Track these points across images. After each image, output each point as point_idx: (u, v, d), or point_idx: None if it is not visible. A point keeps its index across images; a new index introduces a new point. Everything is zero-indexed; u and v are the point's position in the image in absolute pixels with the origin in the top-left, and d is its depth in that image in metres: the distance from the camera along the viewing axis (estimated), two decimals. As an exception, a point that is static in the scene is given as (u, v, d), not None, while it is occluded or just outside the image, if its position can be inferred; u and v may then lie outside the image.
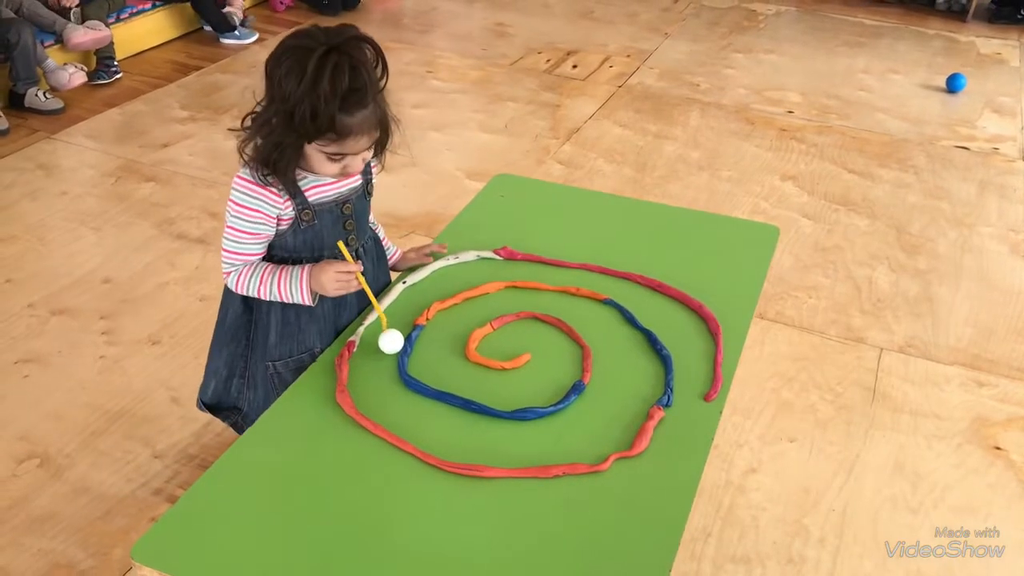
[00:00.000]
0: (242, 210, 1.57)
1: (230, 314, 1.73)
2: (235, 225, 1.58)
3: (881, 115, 4.35)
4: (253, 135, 1.52)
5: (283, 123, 1.47)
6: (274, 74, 1.45)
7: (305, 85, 1.41)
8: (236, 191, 1.57)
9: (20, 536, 1.97)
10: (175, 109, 4.11)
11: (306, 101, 1.42)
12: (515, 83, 4.55)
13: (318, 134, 1.47)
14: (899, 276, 3.09)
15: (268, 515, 1.32)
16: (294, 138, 1.48)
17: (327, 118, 1.44)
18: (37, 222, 3.19)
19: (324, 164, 1.54)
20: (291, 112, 1.44)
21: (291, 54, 1.43)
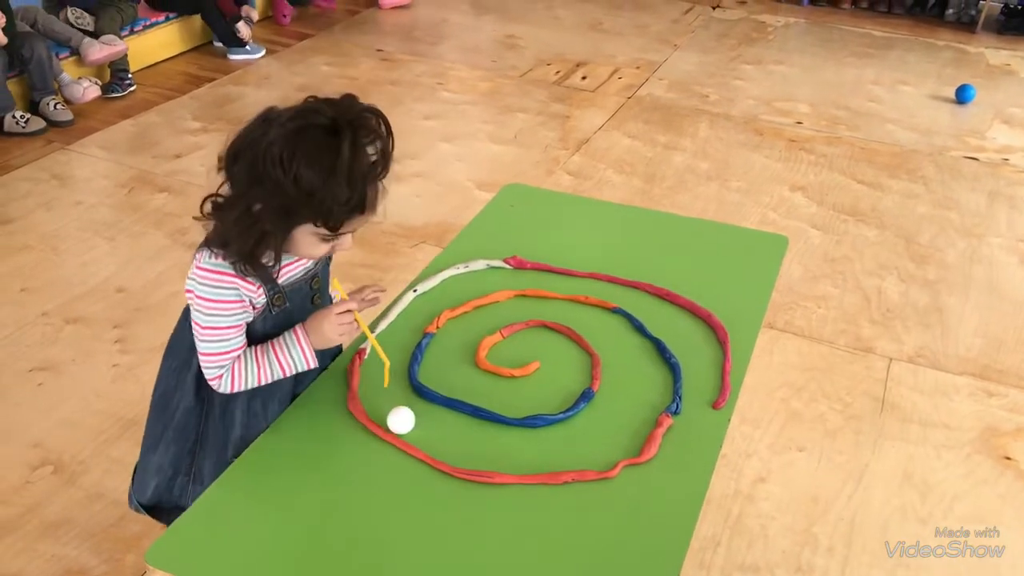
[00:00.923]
0: (219, 306, 1.39)
1: (180, 410, 1.54)
2: (215, 324, 1.40)
3: (891, 126, 4.36)
4: (230, 226, 1.32)
5: (273, 210, 1.29)
6: (265, 160, 1.25)
7: (332, 169, 1.25)
8: (206, 286, 1.37)
9: (34, 542, 1.99)
10: (187, 120, 4.15)
11: (331, 186, 1.26)
12: (525, 94, 4.57)
13: (344, 216, 1.30)
14: (908, 286, 3.09)
15: (280, 520, 1.33)
16: (285, 225, 1.32)
17: (359, 199, 1.29)
18: (52, 232, 3.22)
19: (315, 246, 1.37)
20: (306, 198, 1.27)
21: (298, 137, 1.25)
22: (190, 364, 1.51)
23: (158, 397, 1.57)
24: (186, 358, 1.52)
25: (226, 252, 1.35)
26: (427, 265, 1.91)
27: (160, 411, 1.56)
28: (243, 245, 1.33)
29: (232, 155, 1.31)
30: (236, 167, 1.30)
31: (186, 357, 1.52)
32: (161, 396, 1.56)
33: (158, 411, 1.57)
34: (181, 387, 1.53)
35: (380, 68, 4.76)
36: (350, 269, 3.02)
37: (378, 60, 4.90)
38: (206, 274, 1.37)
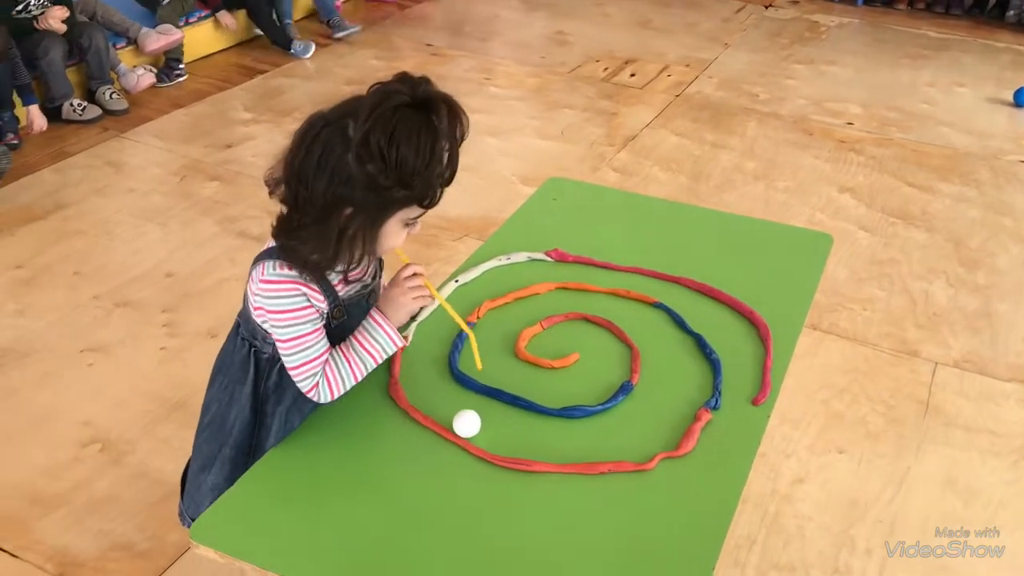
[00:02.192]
0: (295, 315, 1.35)
1: (237, 426, 1.51)
2: (295, 334, 1.36)
3: (944, 128, 4.29)
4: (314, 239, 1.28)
5: (367, 209, 1.27)
6: (357, 159, 1.22)
7: (433, 146, 1.24)
8: (276, 298, 1.34)
9: (82, 517, 2.05)
10: (239, 111, 4.21)
11: (433, 164, 1.25)
12: (572, 90, 4.57)
13: (441, 190, 1.31)
14: (957, 290, 3.04)
15: (321, 499, 1.36)
16: (379, 220, 1.30)
17: (453, 169, 1.30)
18: (105, 217, 3.30)
19: (397, 235, 1.35)
20: (399, 182, 1.24)
21: (393, 121, 1.21)
22: (244, 379, 1.49)
23: (212, 418, 1.53)
24: (238, 375, 1.49)
25: (304, 261, 1.31)
26: (469, 257, 1.92)
27: (216, 431, 1.53)
28: (327, 253, 1.29)
29: (299, 173, 1.26)
30: (308, 182, 1.25)
31: (238, 374, 1.49)
32: (215, 416, 1.53)
33: (213, 431, 1.53)
34: (236, 403, 1.50)
35: (429, 63, 4.79)
36: (394, 259, 3.04)
37: (427, 55, 4.93)
38: (272, 286, 1.33)
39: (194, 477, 1.58)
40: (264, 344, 1.44)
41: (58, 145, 3.81)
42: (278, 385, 1.48)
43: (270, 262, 1.34)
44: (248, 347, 1.46)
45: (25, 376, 2.50)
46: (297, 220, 1.29)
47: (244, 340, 1.46)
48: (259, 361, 1.46)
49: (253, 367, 1.47)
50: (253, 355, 1.46)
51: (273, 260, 1.33)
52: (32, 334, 2.67)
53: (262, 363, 1.46)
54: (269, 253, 1.36)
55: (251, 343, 1.45)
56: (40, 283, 2.91)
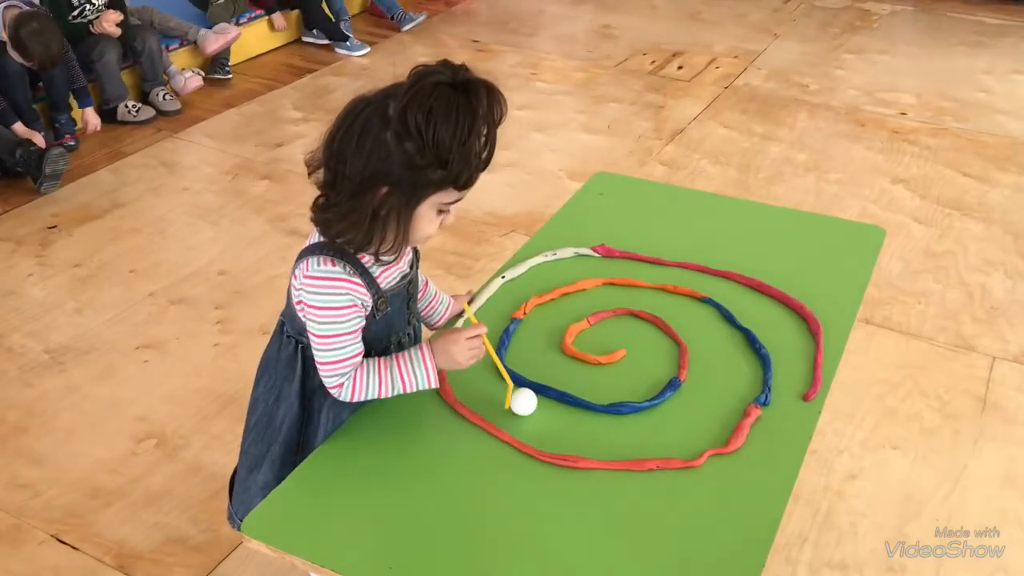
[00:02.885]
0: (334, 313, 1.34)
1: (287, 424, 1.51)
2: (331, 332, 1.36)
3: (1001, 117, 4.18)
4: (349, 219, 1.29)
5: (402, 188, 1.27)
6: (395, 136, 1.23)
7: (471, 126, 1.23)
8: (317, 294, 1.33)
9: (138, 510, 2.09)
10: (288, 110, 4.26)
11: (470, 144, 1.24)
12: (619, 84, 4.55)
13: (477, 172, 1.29)
14: (1016, 283, 2.97)
15: (370, 495, 1.37)
16: (413, 202, 1.29)
17: (491, 152, 1.28)
18: (159, 216, 3.36)
19: (431, 222, 1.33)
20: (436, 161, 1.24)
21: (431, 99, 1.22)
22: (291, 377, 1.49)
23: (259, 418, 1.53)
24: (285, 373, 1.49)
25: (344, 243, 1.31)
26: (515, 253, 1.92)
27: (263, 430, 1.53)
28: (372, 234, 1.29)
29: (337, 151, 1.27)
30: (346, 160, 1.26)
31: (285, 371, 1.49)
32: (262, 416, 1.53)
33: (260, 431, 1.53)
34: (284, 401, 1.50)
35: (476, 59, 4.80)
36: (441, 256, 3.07)
37: (474, 51, 4.94)
38: (315, 282, 1.33)
39: (242, 480, 1.58)
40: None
41: (114, 146, 3.89)
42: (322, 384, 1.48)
43: (314, 258, 1.34)
44: (295, 344, 1.47)
45: (85, 373, 2.56)
46: (334, 198, 1.30)
47: (290, 338, 1.47)
48: (306, 358, 1.47)
49: (300, 364, 1.48)
50: (300, 352, 1.47)
51: (317, 256, 1.34)
52: (91, 332, 2.73)
53: (309, 360, 1.46)
54: (312, 249, 1.36)
55: (298, 340, 1.46)
56: (98, 281, 2.98)
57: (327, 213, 1.32)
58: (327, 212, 1.31)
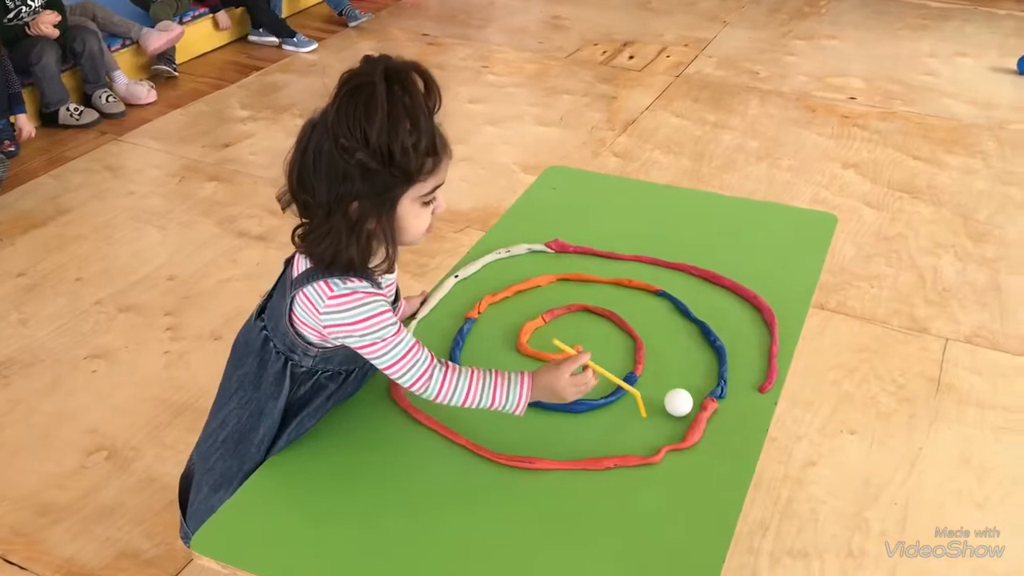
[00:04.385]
0: (379, 319, 1.31)
1: (266, 441, 1.45)
2: (386, 335, 1.31)
3: (948, 100, 4.24)
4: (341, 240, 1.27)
5: (371, 197, 1.25)
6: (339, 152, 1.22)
7: (391, 115, 1.21)
8: (355, 308, 1.30)
9: (89, 525, 2.04)
10: (236, 109, 4.19)
11: (400, 135, 1.22)
12: (571, 75, 4.53)
13: (424, 163, 1.26)
14: (966, 265, 3.01)
15: (324, 505, 1.34)
16: (388, 205, 1.28)
17: (429, 138, 1.25)
18: (105, 222, 3.28)
19: (419, 217, 1.32)
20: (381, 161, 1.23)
21: (349, 106, 1.21)
22: (278, 394, 1.43)
23: (229, 434, 1.47)
24: (271, 391, 1.44)
25: (340, 268, 1.30)
26: (469, 250, 1.90)
27: (233, 447, 1.47)
28: (358, 251, 1.28)
29: (299, 181, 1.27)
30: (312, 188, 1.26)
31: (271, 389, 1.44)
32: (233, 432, 1.47)
33: (230, 448, 1.47)
34: (267, 418, 1.43)
35: (426, 52, 4.75)
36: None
37: (424, 44, 4.89)
38: (345, 300, 1.30)
39: (205, 498, 1.51)
40: (304, 358, 1.41)
41: (56, 151, 3.79)
42: (303, 396, 1.44)
43: (331, 280, 1.30)
44: (284, 361, 1.42)
45: (30, 386, 2.49)
46: (311, 225, 1.29)
47: (280, 354, 1.41)
48: (294, 375, 1.42)
49: (288, 380, 1.42)
50: (289, 368, 1.42)
51: (332, 278, 1.30)
52: (36, 343, 2.66)
53: (296, 376, 1.43)
54: (318, 274, 1.31)
55: (288, 357, 1.41)
56: (42, 291, 2.90)
57: (309, 241, 1.30)
58: (308, 240, 1.30)
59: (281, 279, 1.42)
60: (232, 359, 1.50)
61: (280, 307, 1.39)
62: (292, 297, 1.35)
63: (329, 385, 1.45)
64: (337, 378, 1.46)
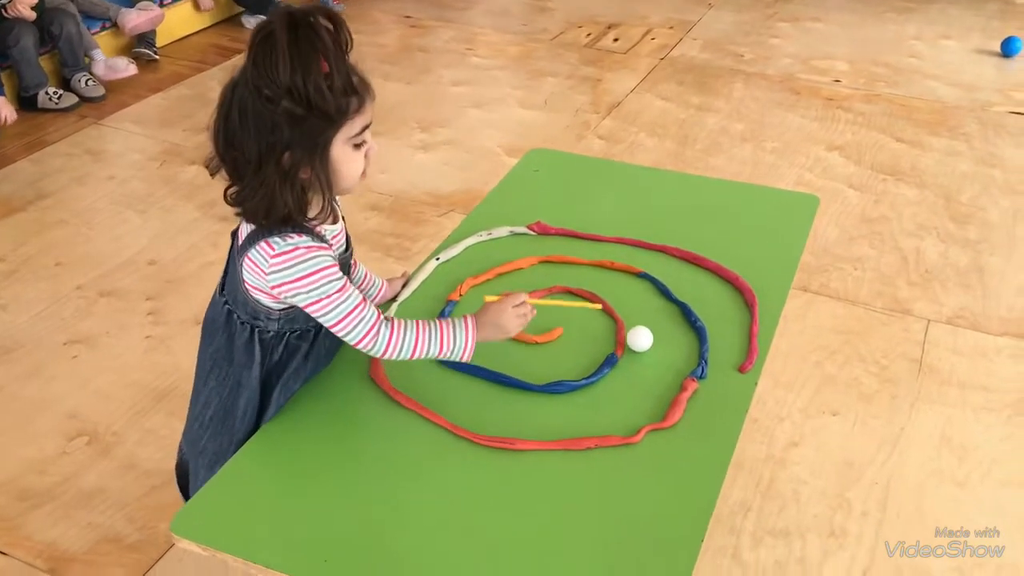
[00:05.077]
0: (323, 273, 1.32)
1: (249, 412, 1.47)
2: (330, 291, 1.33)
3: (932, 82, 4.24)
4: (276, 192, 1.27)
5: (300, 143, 1.26)
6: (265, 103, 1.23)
7: (303, 57, 1.21)
8: (298, 264, 1.30)
9: (70, 510, 2.03)
10: (217, 92, 4.13)
11: (311, 78, 1.22)
12: (555, 58, 4.51)
13: (347, 102, 1.27)
14: (948, 246, 3.02)
15: (303, 487, 1.34)
16: (320, 151, 1.28)
17: (344, 77, 1.25)
18: (85, 206, 3.26)
19: (353, 161, 1.33)
20: (305, 106, 1.23)
21: (262, 56, 1.21)
22: (250, 363, 1.44)
23: (214, 412, 1.49)
24: (243, 360, 1.45)
25: (277, 221, 1.30)
26: (451, 233, 1.89)
27: (220, 425, 1.48)
28: (293, 200, 1.28)
29: (227, 141, 1.27)
30: (240, 144, 1.26)
31: (243, 359, 1.45)
32: (218, 410, 1.48)
33: (217, 426, 1.49)
34: (246, 389, 1.45)
35: (409, 35, 4.72)
36: (379, 239, 3.02)
37: (407, 27, 4.86)
38: (288, 256, 1.30)
39: (203, 481, 1.47)
40: (268, 322, 1.42)
41: (35, 135, 3.75)
42: (280, 360, 1.45)
43: (272, 239, 1.30)
44: (250, 330, 1.43)
45: (10, 372, 2.47)
46: (242, 183, 1.30)
47: (244, 324, 1.43)
48: (262, 340, 1.43)
49: (258, 348, 1.43)
50: (257, 336, 1.43)
51: (274, 236, 1.31)
52: (16, 329, 2.64)
53: (266, 342, 1.43)
54: (261, 233, 1.32)
55: (252, 325, 1.42)
56: (22, 276, 2.88)
57: (242, 199, 1.30)
58: (241, 198, 1.30)
59: (231, 251, 1.43)
60: (203, 339, 1.51)
61: (235, 277, 1.40)
62: (240, 264, 1.36)
63: (301, 345, 1.46)
64: (307, 336, 1.46)
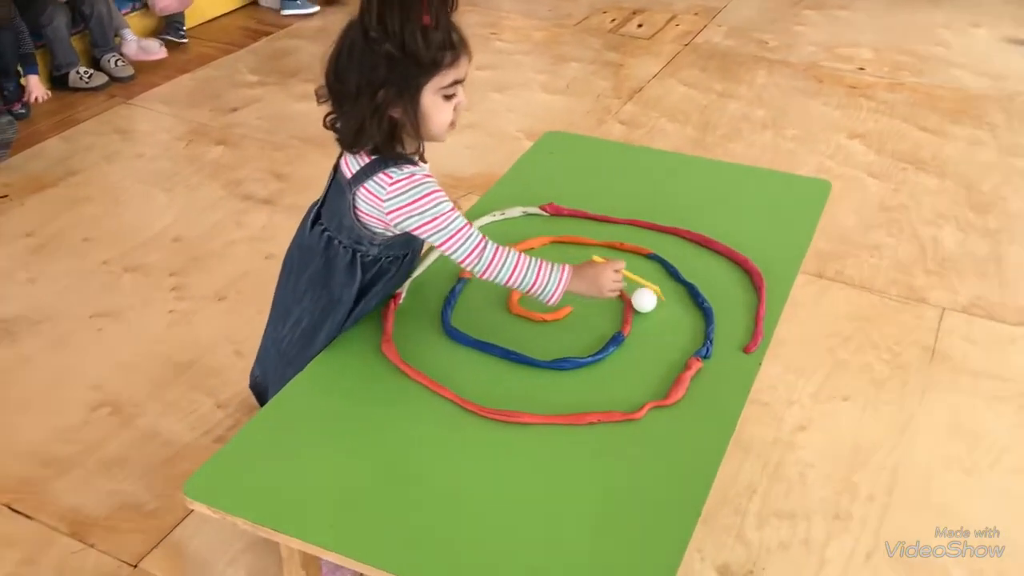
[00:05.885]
0: (434, 196, 1.47)
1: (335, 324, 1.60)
2: (441, 211, 1.47)
3: (957, 71, 4.21)
4: (368, 123, 1.44)
5: (395, 84, 1.41)
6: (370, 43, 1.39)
7: (411, 10, 1.36)
8: (412, 189, 1.46)
9: (92, 478, 2.09)
10: (245, 74, 4.20)
11: (412, 27, 1.37)
12: (579, 43, 4.52)
13: (441, 55, 1.42)
14: (967, 235, 3.01)
15: (314, 456, 1.38)
16: (412, 95, 1.43)
17: (444, 32, 1.41)
18: (113, 183, 3.32)
19: (442, 110, 1.47)
20: (403, 51, 1.38)
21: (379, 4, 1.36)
22: (351, 282, 1.58)
23: (305, 328, 1.62)
24: (344, 279, 1.58)
25: (371, 150, 1.47)
26: (464, 212, 1.92)
27: (309, 339, 1.62)
28: (380, 132, 1.44)
29: (335, 72, 1.44)
30: (344, 78, 1.43)
31: (343, 278, 1.58)
32: (308, 327, 1.62)
33: (306, 339, 1.62)
34: (343, 304, 1.59)
35: (434, 19, 4.73)
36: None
37: (433, 11, 4.87)
38: (403, 183, 1.46)
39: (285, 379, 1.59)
40: (370, 247, 1.57)
41: (66, 113, 3.82)
42: (371, 280, 1.60)
43: (388, 169, 1.47)
44: (352, 253, 1.57)
45: (38, 343, 2.54)
46: (343, 111, 1.47)
47: (347, 248, 1.57)
48: (363, 263, 1.58)
49: (360, 269, 1.58)
50: (359, 258, 1.57)
51: (389, 167, 1.47)
52: (43, 302, 2.70)
53: (366, 265, 1.59)
54: (376, 165, 1.48)
55: (355, 249, 1.57)
56: (50, 250, 2.94)
57: (338, 125, 1.48)
58: (337, 124, 1.48)
59: (334, 182, 1.58)
60: (293, 269, 1.67)
61: (340, 206, 1.54)
62: (354, 193, 1.51)
63: (391, 269, 1.62)
64: (397, 262, 1.63)
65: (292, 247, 1.70)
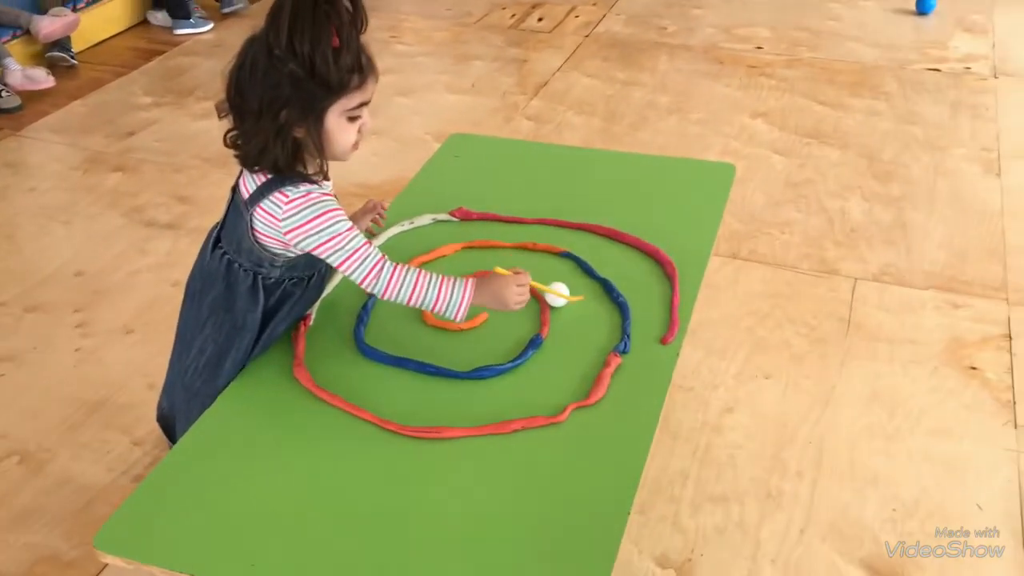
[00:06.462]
0: (331, 215, 1.43)
1: (241, 351, 1.56)
2: (338, 230, 1.43)
3: (851, 44, 4.31)
4: (270, 143, 1.40)
5: (298, 106, 1.37)
6: (273, 61, 1.34)
7: (321, 32, 1.32)
8: (309, 207, 1.42)
9: (4, 533, 1.99)
10: (139, 96, 4.07)
11: (320, 48, 1.32)
12: (481, 41, 4.50)
13: (349, 78, 1.38)
14: (872, 205, 3.08)
15: (230, 493, 1.33)
16: (315, 116, 1.39)
17: (353, 54, 1.38)
18: (6, 220, 3.18)
19: (346, 131, 1.43)
20: (311, 73, 1.34)
21: (288, 16, 1.32)
22: (254, 307, 1.55)
23: (208, 358, 1.57)
24: (246, 305, 1.54)
25: (271, 169, 1.43)
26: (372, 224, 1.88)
27: (214, 368, 1.57)
28: (283, 152, 1.41)
29: (236, 89, 1.40)
30: (245, 94, 1.39)
31: (246, 304, 1.54)
32: (212, 356, 1.57)
33: (212, 369, 1.57)
34: (248, 331, 1.55)
35: (332, 26, 4.65)
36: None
37: (330, 18, 4.79)
38: (300, 201, 1.43)
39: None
40: (271, 269, 1.53)
41: (-50, 150, 3.65)
42: (275, 305, 1.57)
43: (284, 188, 1.43)
44: (253, 276, 1.54)
45: (-64, 395, 2.41)
46: (244, 129, 1.43)
47: (247, 272, 1.53)
48: (266, 287, 1.55)
49: (262, 292, 1.55)
50: (260, 281, 1.54)
51: (286, 186, 1.43)
52: (-61, 350, 2.57)
53: (269, 287, 1.55)
54: (274, 184, 1.44)
55: (255, 272, 1.53)
56: (-57, 296, 2.80)
57: (239, 143, 1.44)
58: (238, 142, 1.44)
59: (232, 203, 1.53)
60: (195, 294, 1.62)
61: (239, 228, 1.50)
62: (251, 214, 1.47)
63: (295, 291, 1.58)
64: (301, 284, 1.59)
65: (194, 272, 1.65)
